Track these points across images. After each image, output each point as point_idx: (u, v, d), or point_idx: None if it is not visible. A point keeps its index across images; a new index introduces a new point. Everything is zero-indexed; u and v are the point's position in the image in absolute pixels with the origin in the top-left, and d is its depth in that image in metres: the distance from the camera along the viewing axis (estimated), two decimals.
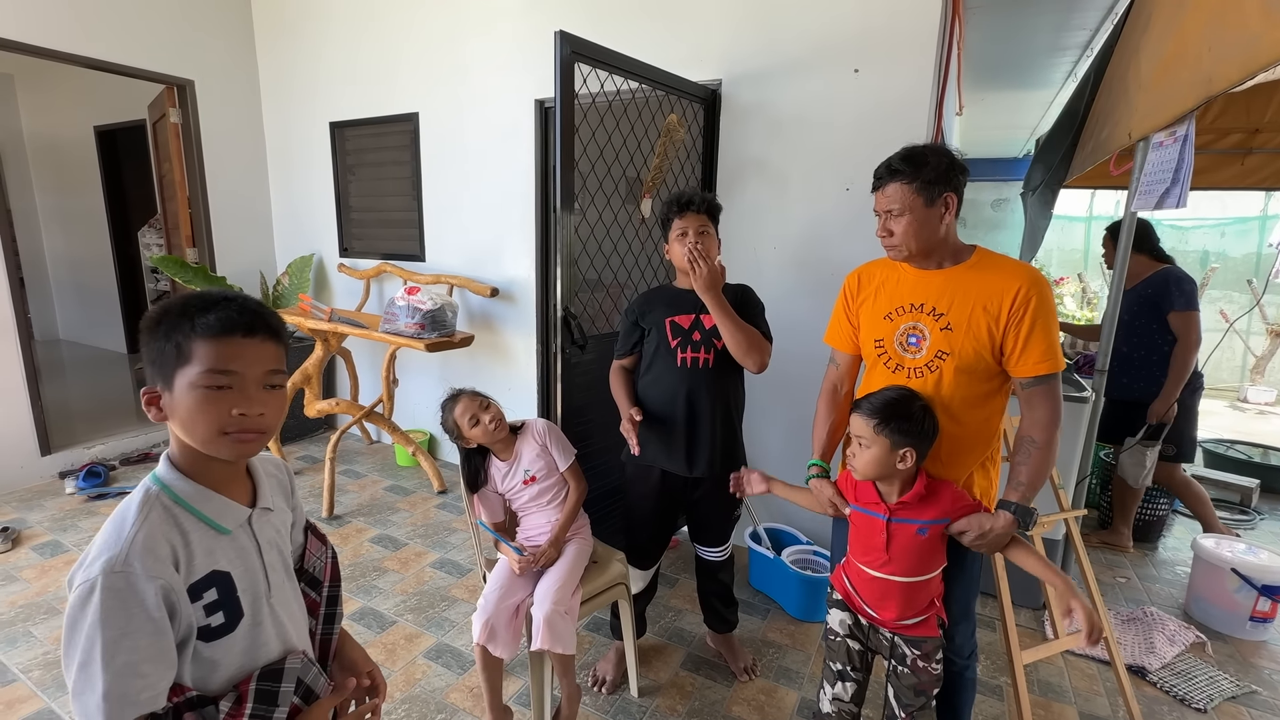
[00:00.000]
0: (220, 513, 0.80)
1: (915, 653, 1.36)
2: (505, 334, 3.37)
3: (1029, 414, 1.34)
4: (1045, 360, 1.29)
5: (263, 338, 0.79)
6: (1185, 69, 1.71)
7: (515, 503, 1.82)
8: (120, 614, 0.68)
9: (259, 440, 0.80)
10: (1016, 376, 1.33)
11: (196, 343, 0.74)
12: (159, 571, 0.71)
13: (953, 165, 1.31)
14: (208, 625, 0.76)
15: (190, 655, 0.75)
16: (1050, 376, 1.31)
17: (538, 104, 3.01)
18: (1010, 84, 4.74)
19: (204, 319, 0.75)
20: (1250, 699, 1.99)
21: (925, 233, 1.32)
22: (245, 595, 0.80)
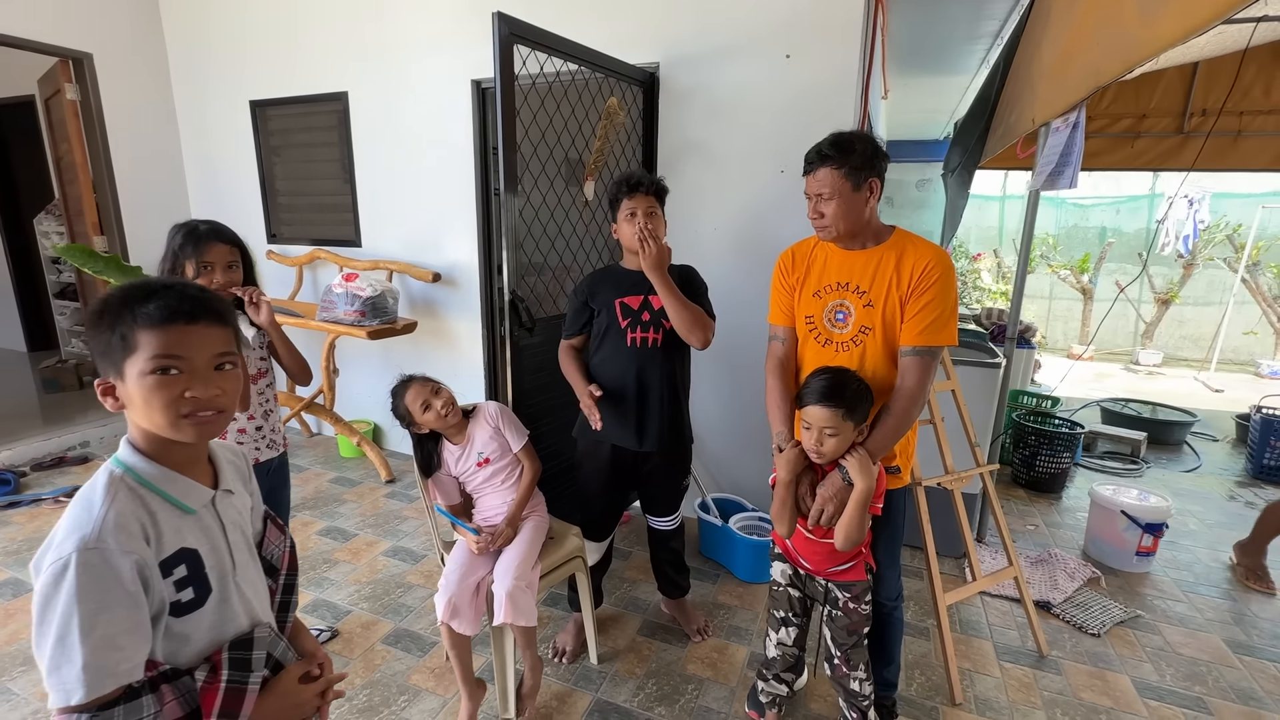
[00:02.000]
0: (185, 493, 0.81)
1: (846, 595, 1.50)
2: (449, 319, 3.33)
3: (899, 381, 1.41)
4: (927, 333, 1.38)
5: (206, 323, 0.79)
6: (1079, 61, 1.89)
7: (470, 485, 1.85)
8: (96, 588, 0.69)
9: (218, 420, 0.81)
10: (902, 344, 1.42)
11: (140, 332, 0.75)
12: (132, 547, 0.73)
13: (876, 152, 1.40)
14: (178, 600, 0.78)
15: (162, 631, 0.77)
16: (928, 350, 1.39)
17: (474, 84, 2.96)
18: (930, 69, 4.99)
19: (145, 308, 0.76)
20: (1135, 622, 2.27)
21: (852, 215, 1.41)
22: (213, 572, 0.82)
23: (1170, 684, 1.96)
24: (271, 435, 1.74)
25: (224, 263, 1.56)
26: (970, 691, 1.91)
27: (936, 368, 1.44)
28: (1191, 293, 6.88)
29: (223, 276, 1.56)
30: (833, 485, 1.39)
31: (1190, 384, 6.09)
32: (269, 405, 1.74)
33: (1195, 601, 2.41)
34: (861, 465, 1.35)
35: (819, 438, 1.37)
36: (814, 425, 1.38)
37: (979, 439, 2.28)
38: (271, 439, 1.74)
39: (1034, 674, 1.99)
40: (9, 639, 2.03)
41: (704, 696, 1.86)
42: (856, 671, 1.52)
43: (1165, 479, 3.66)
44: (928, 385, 1.41)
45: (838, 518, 1.38)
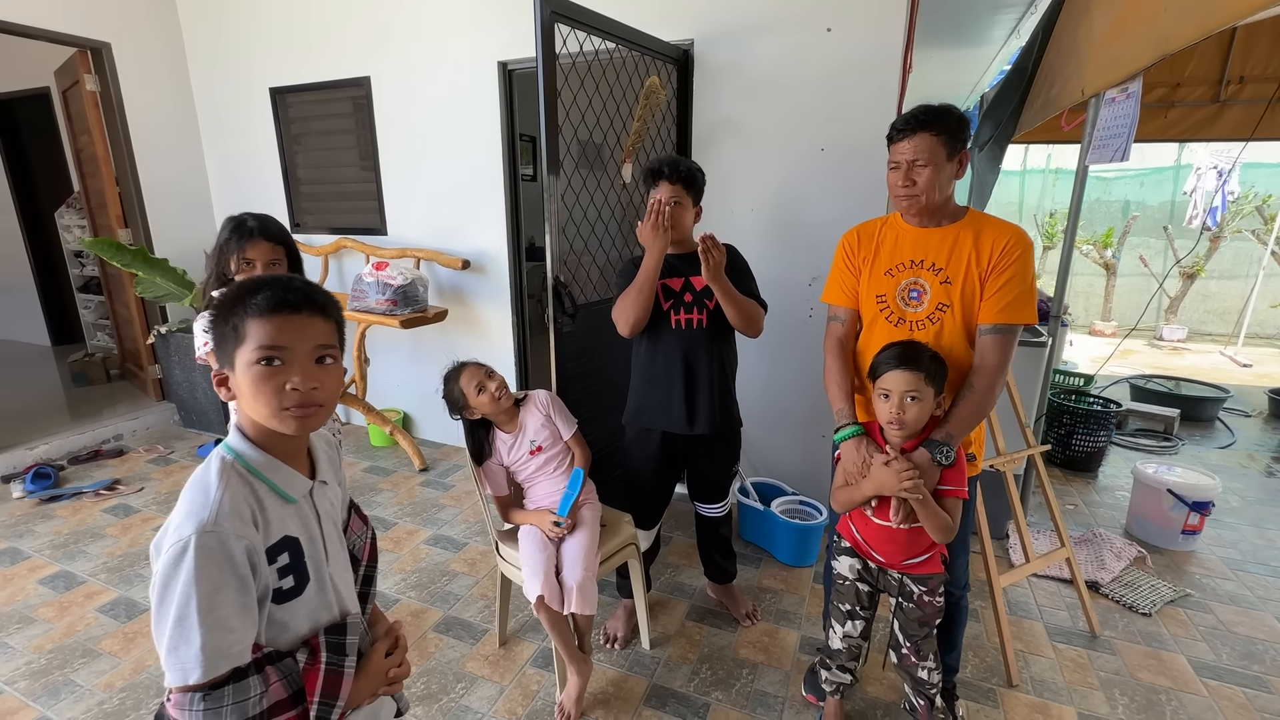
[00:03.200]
0: (288, 482, 0.83)
1: (921, 589, 1.47)
2: (478, 307, 3.30)
3: (979, 359, 1.39)
4: (1008, 310, 1.37)
5: (309, 314, 0.81)
6: (1140, 27, 1.82)
7: (521, 474, 1.84)
8: (213, 570, 0.71)
9: (318, 414, 0.82)
10: (981, 322, 1.40)
11: (250, 322, 0.77)
12: (244, 533, 0.75)
13: (965, 124, 1.37)
14: (280, 588, 0.80)
15: (265, 617, 0.78)
16: (1008, 327, 1.38)
17: (500, 66, 2.90)
18: (954, 41, 4.86)
19: (254, 299, 0.78)
20: (1185, 601, 2.25)
21: (942, 185, 1.37)
22: (310, 561, 0.84)
23: (1227, 663, 1.95)
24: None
25: (265, 260, 1.54)
26: (1026, 673, 1.90)
27: (1016, 346, 1.41)
28: (1218, 266, 6.76)
29: (264, 273, 1.55)
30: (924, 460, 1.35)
31: (1217, 359, 6.01)
32: None
33: (1245, 580, 2.39)
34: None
35: (900, 404, 1.34)
36: (894, 391, 1.34)
37: (1026, 419, 2.25)
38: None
39: (1088, 654, 1.98)
40: (66, 631, 2.05)
41: (759, 681, 1.86)
42: (926, 661, 1.50)
43: (1200, 456, 3.62)
44: (1008, 363, 1.39)
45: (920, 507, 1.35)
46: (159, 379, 3.88)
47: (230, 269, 1.55)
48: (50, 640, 2.01)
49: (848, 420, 1.48)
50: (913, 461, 1.35)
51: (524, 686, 1.83)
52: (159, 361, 3.80)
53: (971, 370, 1.41)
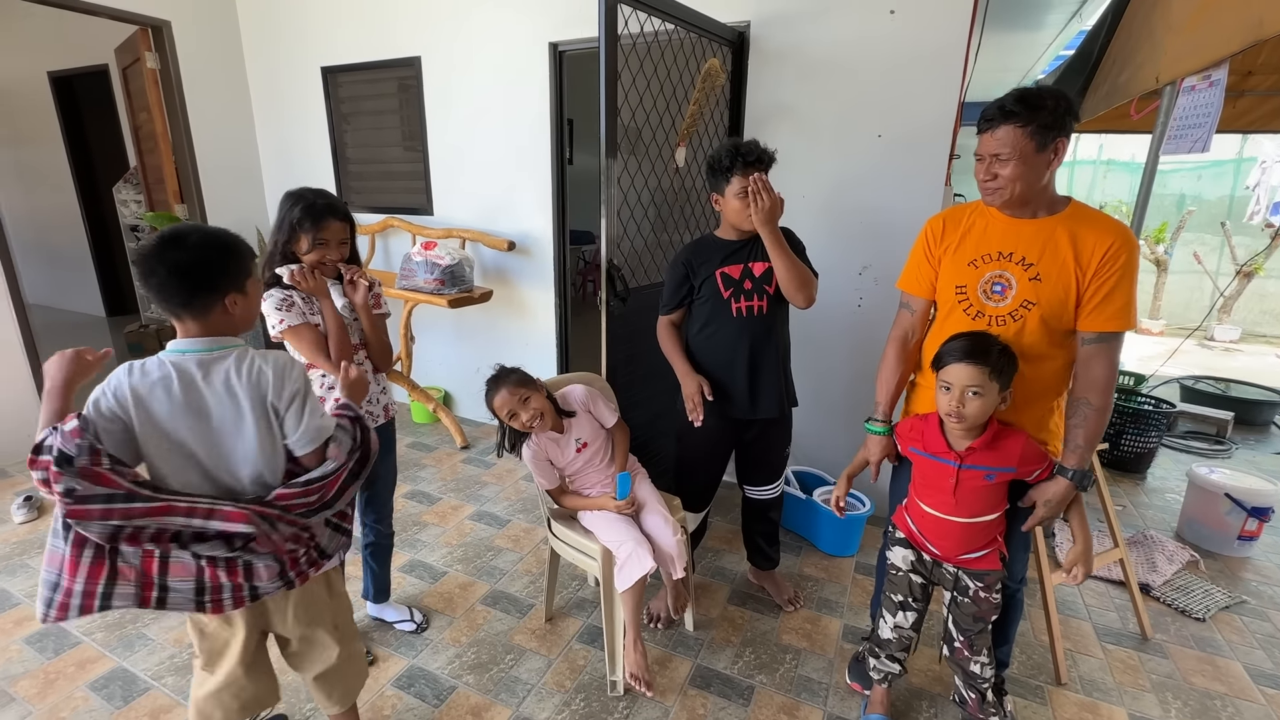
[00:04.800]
0: None
1: (978, 585, 1.45)
2: (521, 288, 3.34)
3: (1085, 373, 1.35)
4: (1117, 318, 1.31)
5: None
6: (1229, 12, 1.74)
7: (570, 469, 1.84)
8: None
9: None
10: (1083, 330, 1.34)
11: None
12: None
13: (1069, 110, 1.28)
14: None
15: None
16: (1116, 335, 1.33)
17: (551, 47, 2.90)
18: (1012, 25, 4.70)
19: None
20: (1241, 608, 2.20)
21: (1032, 178, 1.31)
22: None
23: None
24: (367, 407, 1.70)
25: (338, 239, 1.60)
26: (1074, 672, 1.88)
27: (1120, 354, 1.37)
28: (1277, 265, 6.49)
29: (336, 253, 1.61)
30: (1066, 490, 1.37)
31: (1271, 361, 5.79)
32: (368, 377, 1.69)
33: None
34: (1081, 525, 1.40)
35: (960, 399, 1.32)
36: (955, 385, 1.32)
37: None
38: (369, 410, 1.71)
39: (1138, 656, 1.95)
40: None
41: (803, 666, 1.88)
42: (979, 656, 1.50)
43: (1255, 460, 3.51)
44: (1117, 371, 1.35)
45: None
46: None
47: (302, 248, 1.58)
48: None
49: (882, 418, 1.54)
50: (1051, 496, 1.37)
51: (571, 661, 1.87)
52: None
53: (1081, 387, 1.36)
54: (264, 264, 1.63)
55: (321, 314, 1.60)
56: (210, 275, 1.11)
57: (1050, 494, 1.36)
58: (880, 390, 1.59)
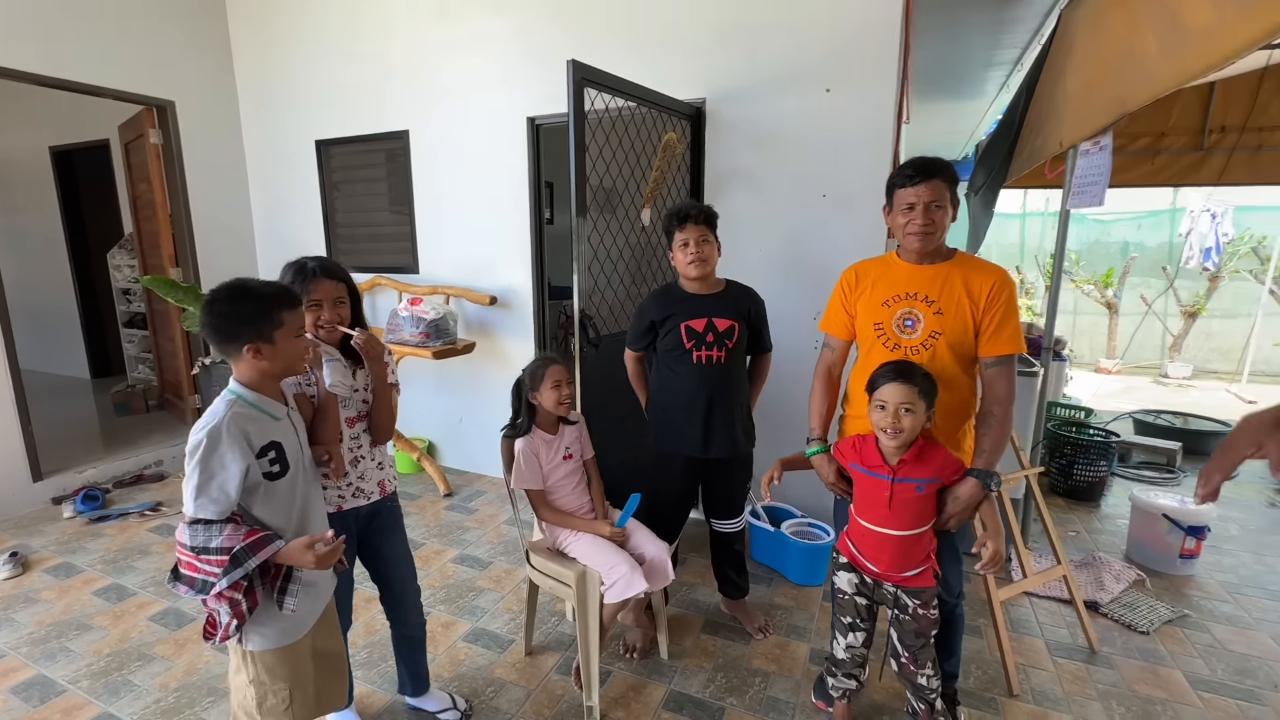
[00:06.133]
0: (272, 408, 1.30)
1: (915, 602, 1.60)
2: (502, 340, 3.52)
3: (990, 391, 1.60)
4: (1010, 343, 1.58)
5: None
6: (1103, 89, 2.04)
7: (550, 477, 1.96)
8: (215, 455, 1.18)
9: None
10: (984, 356, 1.61)
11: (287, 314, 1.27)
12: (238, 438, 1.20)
13: (958, 179, 1.60)
14: (270, 472, 1.25)
15: (261, 493, 1.24)
16: (1010, 357, 1.59)
17: (529, 120, 3.19)
18: (950, 94, 5.17)
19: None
20: (1183, 621, 2.34)
21: (948, 225, 1.60)
22: (290, 454, 1.30)
23: (1222, 678, 2.03)
24: (359, 483, 1.60)
25: (331, 299, 1.54)
26: (1026, 684, 1.99)
27: (1016, 371, 1.61)
28: (1218, 305, 6.90)
29: (330, 312, 1.53)
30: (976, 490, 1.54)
31: (1222, 396, 6.09)
32: (360, 451, 1.60)
33: (1242, 601, 2.47)
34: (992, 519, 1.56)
35: (895, 415, 1.49)
36: (890, 403, 1.50)
37: (1022, 444, 2.39)
38: (359, 487, 1.60)
39: (1086, 668, 2.07)
40: (121, 638, 2.19)
41: (771, 688, 1.97)
42: (924, 669, 1.62)
43: None
44: (1015, 389, 1.59)
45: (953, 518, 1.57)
46: (198, 408, 4.09)
47: None
48: (108, 645, 2.16)
49: (818, 437, 1.75)
50: (961, 494, 1.54)
51: (549, 691, 1.95)
52: (199, 391, 4.02)
53: (987, 402, 1.61)
54: None
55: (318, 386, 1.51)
56: (225, 325, 1.21)
57: (961, 493, 1.54)
58: (813, 417, 1.81)
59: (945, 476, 1.56)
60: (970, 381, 1.66)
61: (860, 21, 2.49)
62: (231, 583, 1.16)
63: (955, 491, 1.56)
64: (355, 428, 1.59)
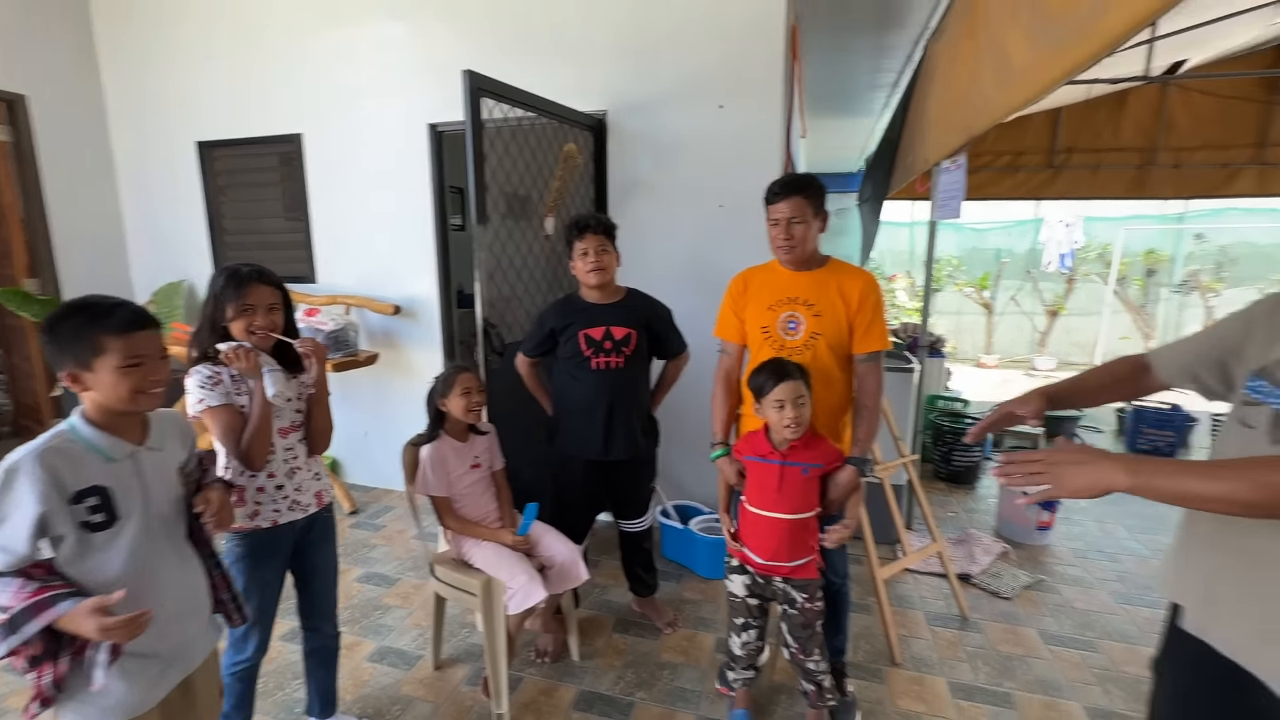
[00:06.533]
0: (113, 448, 1.10)
1: (802, 596, 1.72)
2: (408, 350, 3.43)
3: (863, 385, 1.77)
4: (878, 341, 1.75)
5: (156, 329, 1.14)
6: (956, 115, 2.29)
7: (458, 485, 1.95)
8: (7, 495, 1.01)
9: (160, 396, 1.13)
10: (857, 353, 1.76)
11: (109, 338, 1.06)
12: (42, 479, 1.01)
13: (823, 190, 1.74)
14: (89, 521, 1.05)
15: (73, 546, 1.04)
16: (879, 354, 1.76)
17: (431, 128, 3.14)
18: (841, 112, 5.56)
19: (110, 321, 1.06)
20: (1039, 585, 2.64)
21: (813, 238, 1.73)
22: (122, 504, 1.09)
23: (1068, 632, 2.31)
24: (296, 495, 1.57)
25: (265, 304, 1.48)
26: (907, 652, 2.18)
27: (884, 366, 1.78)
28: (1075, 304, 7.77)
29: (264, 319, 1.47)
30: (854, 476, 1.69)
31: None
32: (296, 463, 1.56)
33: (1086, 565, 2.81)
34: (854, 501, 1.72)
35: (795, 408, 1.61)
36: (787, 399, 1.61)
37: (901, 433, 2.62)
38: (296, 500, 1.57)
39: (959, 634, 2.30)
40: None
41: (679, 679, 2.05)
42: (812, 656, 1.75)
43: None
44: (883, 380, 1.76)
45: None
46: None
47: (227, 316, 1.47)
48: None
49: (719, 441, 1.86)
50: (840, 480, 1.69)
51: (458, 703, 1.93)
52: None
53: (860, 395, 1.77)
54: (191, 341, 1.52)
55: (250, 396, 1.46)
56: (48, 348, 1.07)
57: (841, 479, 1.69)
58: (715, 422, 1.91)
59: (828, 463, 1.70)
60: (847, 378, 1.81)
61: (748, 44, 2.65)
62: (11, 649, 0.97)
63: (836, 478, 1.70)
64: (290, 438, 1.56)
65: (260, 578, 1.55)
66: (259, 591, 1.54)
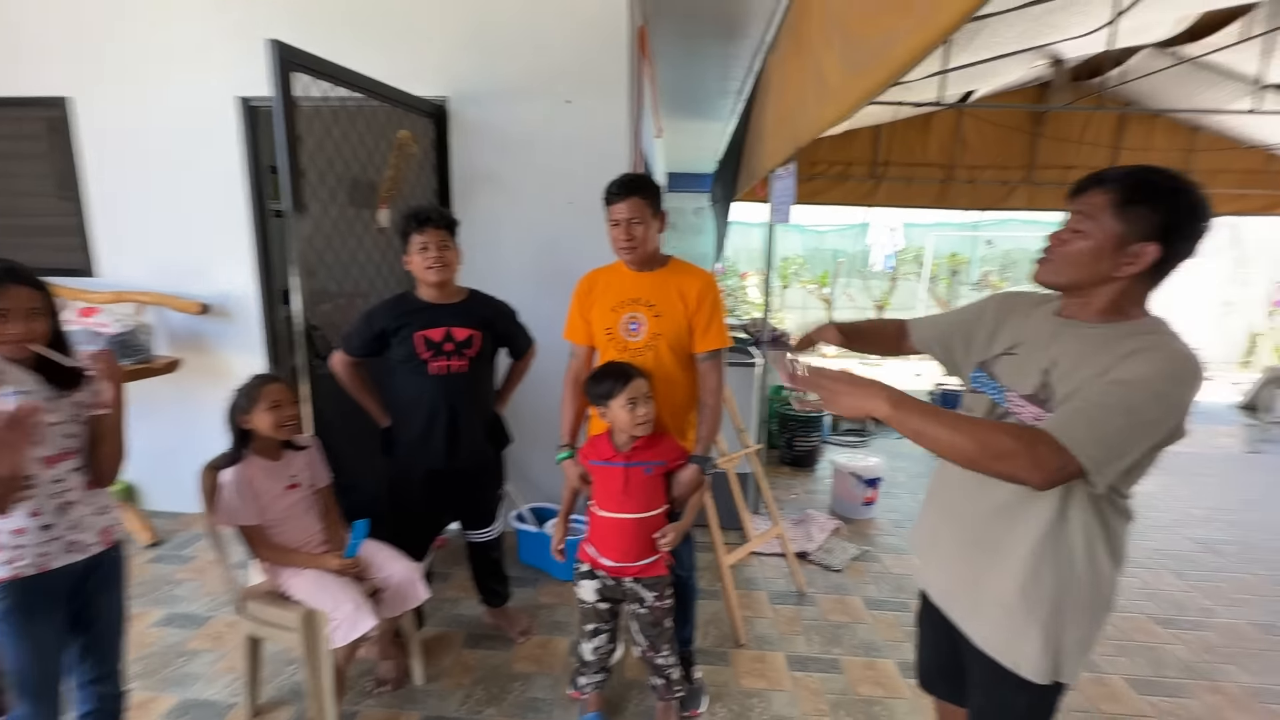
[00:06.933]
0: None
1: (651, 594, 1.74)
2: (223, 355, 3.01)
3: (704, 383, 1.80)
4: (718, 339, 1.78)
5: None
6: (786, 126, 2.45)
7: (271, 510, 1.74)
8: None
9: None
10: (698, 352, 1.79)
11: None
12: None
13: (659, 191, 1.74)
14: None
15: None
16: (719, 352, 1.80)
17: (242, 102, 2.77)
18: (694, 114, 5.77)
19: None
20: (864, 556, 2.93)
21: (653, 239, 1.73)
22: None
23: (887, 596, 2.59)
24: (72, 535, 1.35)
25: (24, 309, 1.27)
26: (752, 632, 2.31)
27: (724, 364, 1.82)
28: (897, 300, 8.77)
29: (21, 326, 1.26)
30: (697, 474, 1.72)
31: (902, 371, 7.76)
32: (70, 496, 1.34)
33: (902, 534, 3.18)
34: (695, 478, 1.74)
35: (645, 404, 1.62)
36: (638, 396, 1.62)
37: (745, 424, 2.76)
38: (72, 540, 1.35)
39: (797, 609, 2.48)
40: None
41: (531, 689, 2.00)
42: (662, 652, 1.78)
43: (884, 445, 4.68)
44: (723, 378, 1.80)
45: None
46: None
47: None
48: None
49: (566, 444, 1.84)
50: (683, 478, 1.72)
51: None
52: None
53: (702, 392, 1.79)
54: None
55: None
56: None
57: (684, 477, 1.73)
58: (563, 425, 1.88)
59: (671, 461, 1.73)
60: (690, 377, 1.82)
61: (593, 39, 2.62)
62: None
63: (679, 476, 1.74)
64: (59, 468, 1.33)
65: (33, 639, 1.30)
66: (35, 658, 1.30)
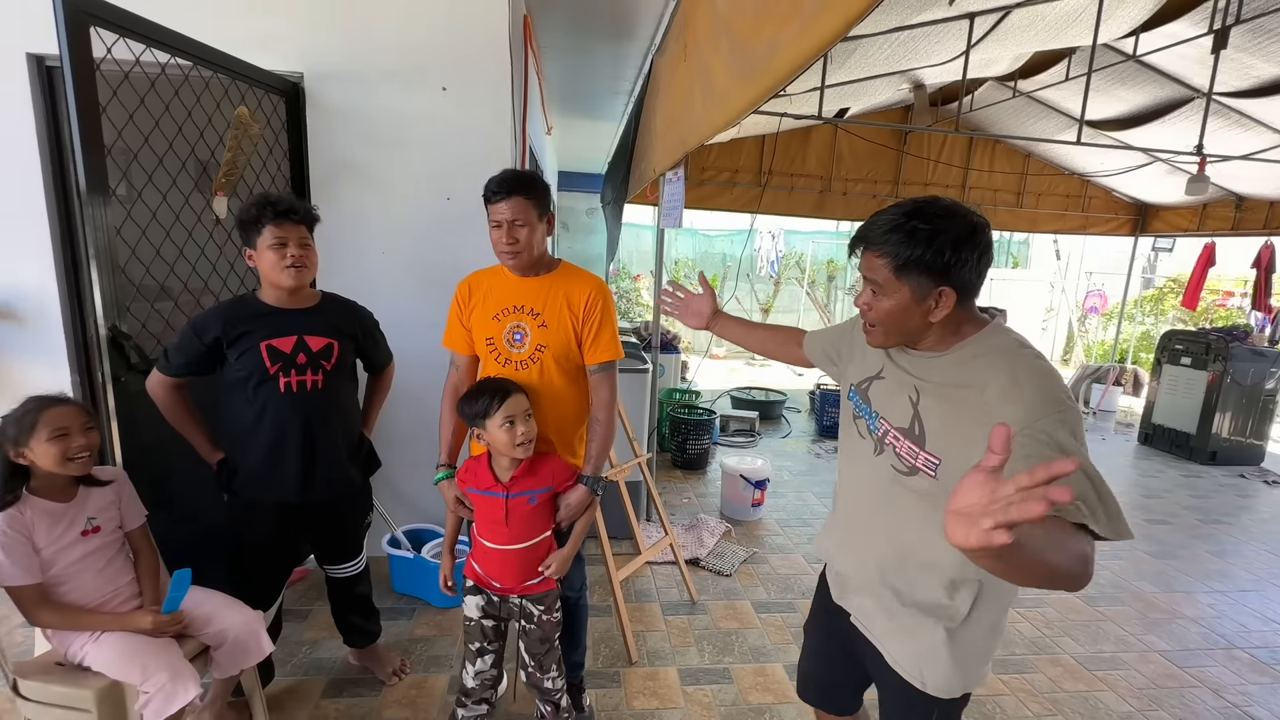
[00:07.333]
0: None
1: (539, 609, 1.61)
2: (15, 365, 2.47)
3: (595, 396, 1.67)
4: (608, 350, 1.65)
5: None
6: (676, 130, 2.41)
7: (60, 561, 1.40)
8: None
9: None
10: (588, 364, 1.66)
11: None
12: None
13: (548, 190, 1.59)
14: None
15: None
16: (611, 363, 1.67)
17: (34, 60, 2.28)
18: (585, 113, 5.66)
19: None
20: (753, 559, 2.97)
21: (540, 241, 1.57)
22: None
23: (775, 598, 2.63)
24: None
25: None
26: (644, 649, 2.25)
27: (617, 375, 1.69)
28: (781, 303, 9.22)
29: None
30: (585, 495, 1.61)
31: (785, 372, 8.15)
32: None
33: (789, 534, 3.27)
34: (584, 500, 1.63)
35: (524, 423, 1.49)
36: (516, 414, 1.48)
37: (636, 433, 2.70)
38: None
39: (689, 619, 2.45)
40: None
41: None
42: (549, 673, 1.65)
43: (771, 445, 4.85)
44: (617, 391, 1.68)
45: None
46: None
47: None
48: None
49: (444, 464, 1.67)
50: (571, 501, 1.59)
51: None
52: None
53: (593, 407, 1.66)
54: None
55: None
56: None
57: (572, 500, 1.61)
58: (442, 442, 1.70)
59: (557, 484, 1.60)
60: (579, 391, 1.69)
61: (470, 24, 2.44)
62: None
63: (567, 498, 1.61)
64: None
65: None
66: None
